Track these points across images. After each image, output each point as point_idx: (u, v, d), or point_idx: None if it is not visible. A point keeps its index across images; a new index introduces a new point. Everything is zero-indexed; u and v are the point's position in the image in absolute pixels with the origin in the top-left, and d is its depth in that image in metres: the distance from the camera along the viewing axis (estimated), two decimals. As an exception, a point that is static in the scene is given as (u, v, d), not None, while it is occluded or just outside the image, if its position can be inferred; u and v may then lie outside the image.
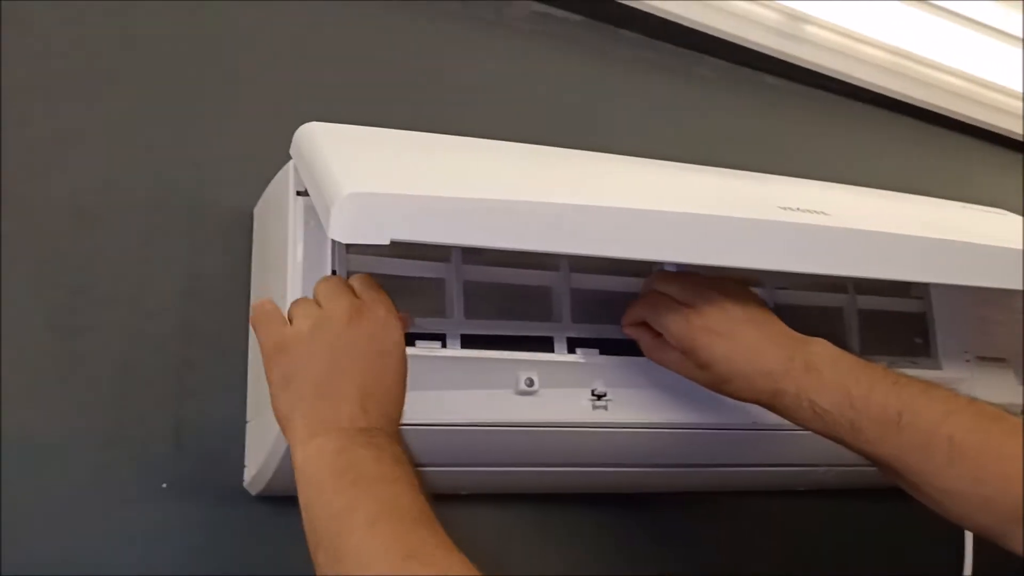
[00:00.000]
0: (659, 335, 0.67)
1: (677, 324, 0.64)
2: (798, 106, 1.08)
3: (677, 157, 0.80)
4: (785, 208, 0.65)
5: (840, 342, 0.80)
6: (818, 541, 0.94)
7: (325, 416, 0.54)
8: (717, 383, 0.65)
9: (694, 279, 0.66)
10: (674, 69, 1.00)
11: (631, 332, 0.69)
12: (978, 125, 1.18)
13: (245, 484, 0.71)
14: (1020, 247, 0.69)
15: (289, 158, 0.68)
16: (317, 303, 0.58)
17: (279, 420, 0.57)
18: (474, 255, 0.68)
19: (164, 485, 0.69)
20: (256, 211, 0.76)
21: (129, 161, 0.73)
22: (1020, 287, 0.69)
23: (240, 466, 0.72)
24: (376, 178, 0.55)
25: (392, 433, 0.56)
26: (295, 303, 0.60)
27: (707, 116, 1.01)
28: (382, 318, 0.58)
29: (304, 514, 0.52)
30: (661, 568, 0.85)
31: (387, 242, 0.52)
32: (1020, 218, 0.89)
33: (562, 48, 0.94)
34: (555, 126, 0.91)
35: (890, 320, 0.83)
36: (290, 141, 0.65)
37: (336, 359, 0.56)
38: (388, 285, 0.66)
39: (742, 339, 0.63)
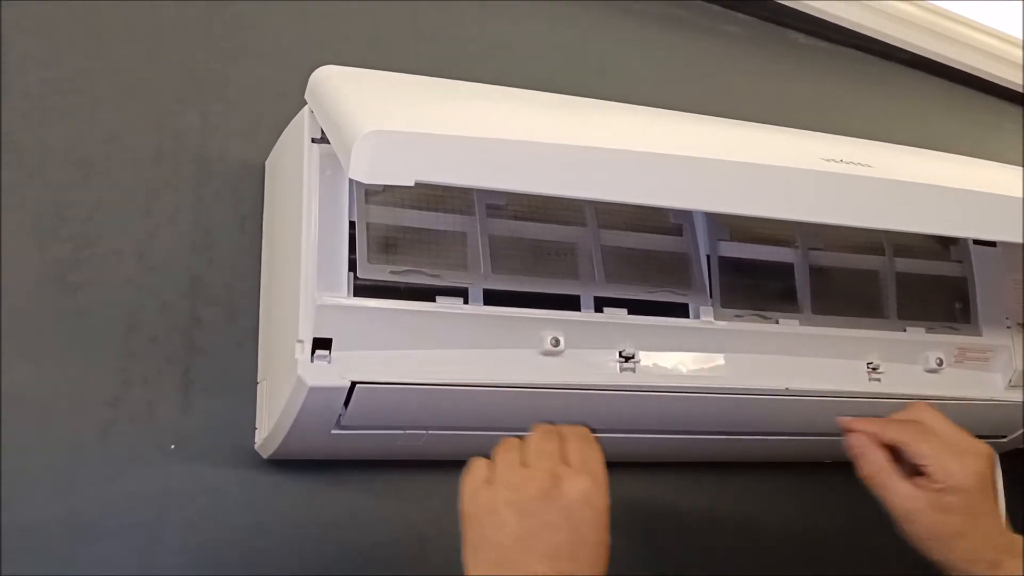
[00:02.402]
0: (892, 459, 0.65)
1: (954, 464, 0.63)
2: (828, 65, 1.04)
3: (703, 114, 0.77)
4: (828, 160, 0.61)
5: (877, 306, 0.77)
6: (842, 515, 0.91)
7: None
8: (942, 532, 0.63)
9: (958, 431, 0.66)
10: (703, 26, 0.97)
11: (859, 443, 0.66)
12: (1008, 86, 1.13)
13: (256, 446, 0.68)
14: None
15: (301, 108, 0.64)
16: (523, 459, 0.56)
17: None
18: (499, 209, 0.65)
19: (172, 446, 0.66)
20: (268, 163, 0.72)
21: (134, 110, 0.70)
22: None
23: (251, 428, 0.69)
24: (399, 117, 0.51)
25: None
26: (500, 450, 0.58)
27: (736, 74, 0.98)
28: (584, 490, 0.55)
29: None
30: (683, 539, 0.82)
31: (411, 183, 0.48)
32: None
33: (586, 1, 0.90)
34: (580, 79, 0.87)
35: (929, 284, 0.79)
36: (300, 93, 0.62)
37: (526, 535, 0.53)
38: (408, 238, 0.63)
39: (990, 506, 0.64)
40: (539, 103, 0.66)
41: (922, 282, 0.79)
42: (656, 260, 0.70)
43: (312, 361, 0.59)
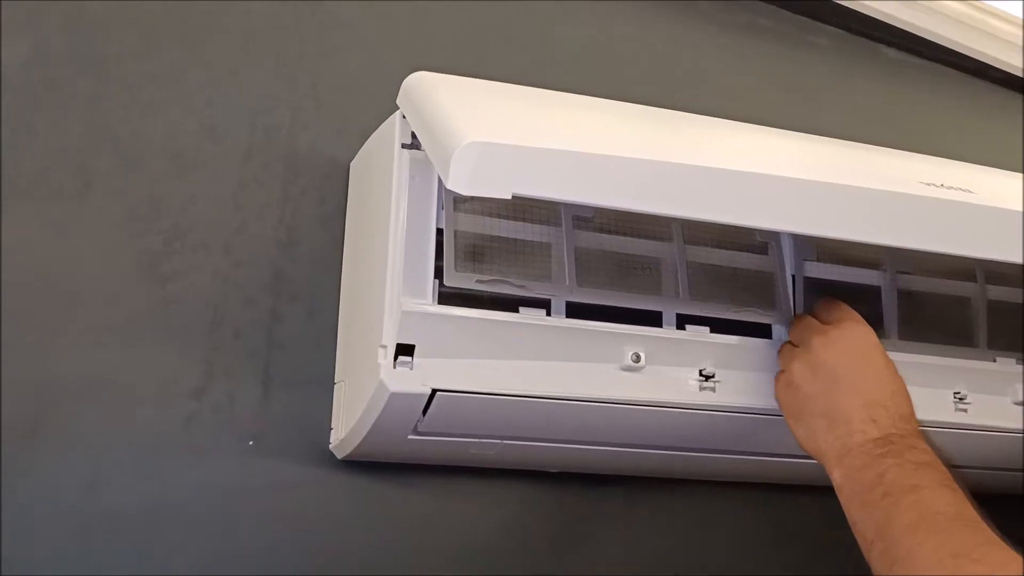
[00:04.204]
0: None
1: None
2: (918, 81, 1.01)
3: (787, 127, 0.75)
4: (928, 184, 0.59)
5: (966, 334, 0.75)
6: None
7: (842, 439, 0.60)
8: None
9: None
10: (791, 37, 0.95)
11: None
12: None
13: (330, 446, 0.69)
14: None
15: (388, 113, 0.65)
16: (795, 341, 0.66)
17: (806, 449, 0.63)
18: (585, 221, 0.64)
19: (251, 442, 0.67)
20: (353, 165, 0.73)
21: (227, 105, 0.71)
22: None
23: (326, 427, 0.69)
24: (498, 128, 0.51)
25: (908, 432, 0.60)
26: (780, 351, 0.66)
27: (822, 87, 0.96)
28: (851, 331, 0.63)
29: (852, 526, 0.58)
30: (761, 558, 0.81)
31: (509, 196, 0.48)
32: None
33: (674, 10, 0.89)
34: (664, 87, 0.86)
35: (1021, 314, 0.77)
36: (388, 95, 0.62)
37: (828, 386, 0.62)
38: (493, 247, 0.63)
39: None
40: (630, 115, 0.65)
41: (1014, 311, 0.77)
42: (740, 278, 0.69)
43: (395, 367, 0.59)
